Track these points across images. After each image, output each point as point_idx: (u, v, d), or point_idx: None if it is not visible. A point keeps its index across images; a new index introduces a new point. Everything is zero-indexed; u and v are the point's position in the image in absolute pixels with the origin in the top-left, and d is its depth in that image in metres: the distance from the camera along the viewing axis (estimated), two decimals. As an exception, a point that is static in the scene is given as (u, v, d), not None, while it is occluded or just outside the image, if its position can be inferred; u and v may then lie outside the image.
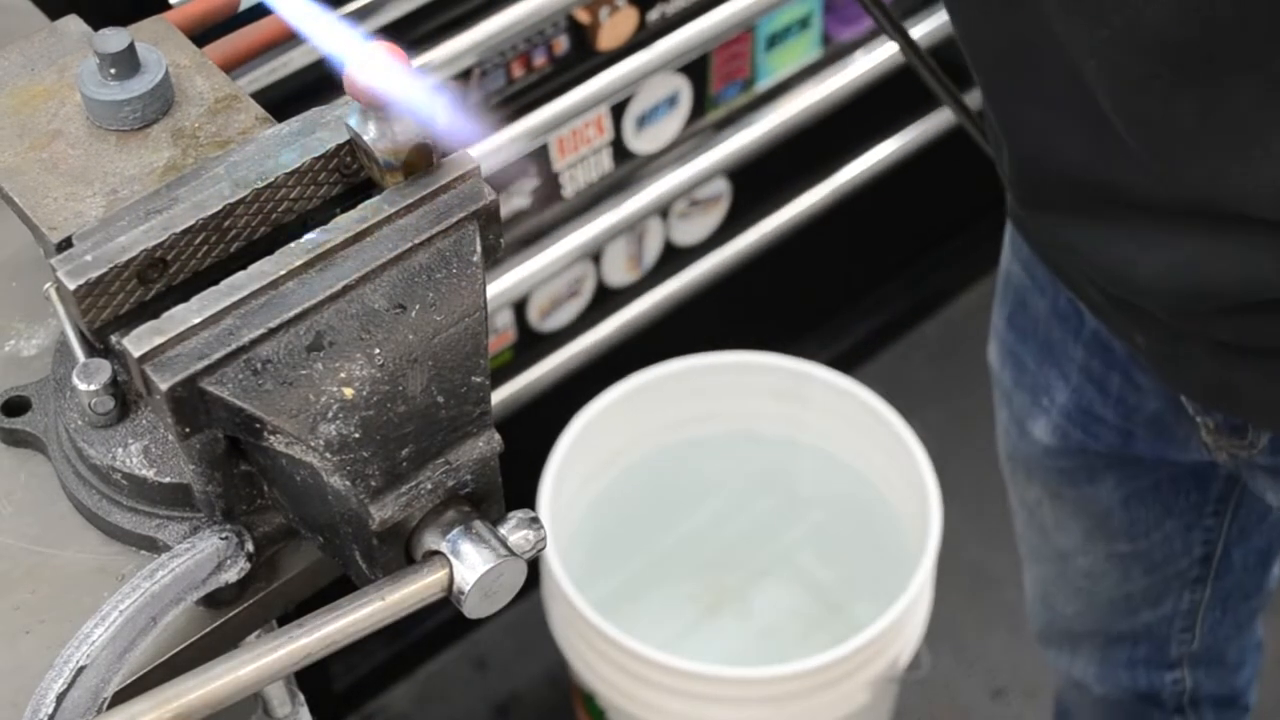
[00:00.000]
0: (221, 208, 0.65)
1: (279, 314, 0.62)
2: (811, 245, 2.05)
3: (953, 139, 2.13)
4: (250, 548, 0.68)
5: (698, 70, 1.79)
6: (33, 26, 0.87)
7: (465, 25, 1.54)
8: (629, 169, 1.80)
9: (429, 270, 0.64)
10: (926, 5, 1.97)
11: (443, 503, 0.64)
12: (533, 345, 1.84)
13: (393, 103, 0.64)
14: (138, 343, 0.61)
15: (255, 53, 0.84)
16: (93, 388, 0.69)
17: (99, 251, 0.64)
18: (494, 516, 0.66)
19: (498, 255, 0.68)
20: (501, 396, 1.79)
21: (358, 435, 0.61)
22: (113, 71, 0.70)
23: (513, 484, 0.69)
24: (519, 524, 0.66)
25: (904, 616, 1.60)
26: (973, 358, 2.32)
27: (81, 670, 0.62)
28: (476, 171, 0.67)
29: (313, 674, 1.77)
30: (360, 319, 0.63)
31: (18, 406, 0.75)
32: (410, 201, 0.65)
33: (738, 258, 1.96)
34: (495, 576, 0.63)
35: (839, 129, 1.96)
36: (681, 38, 1.71)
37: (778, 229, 1.98)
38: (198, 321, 0.61)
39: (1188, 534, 1.24)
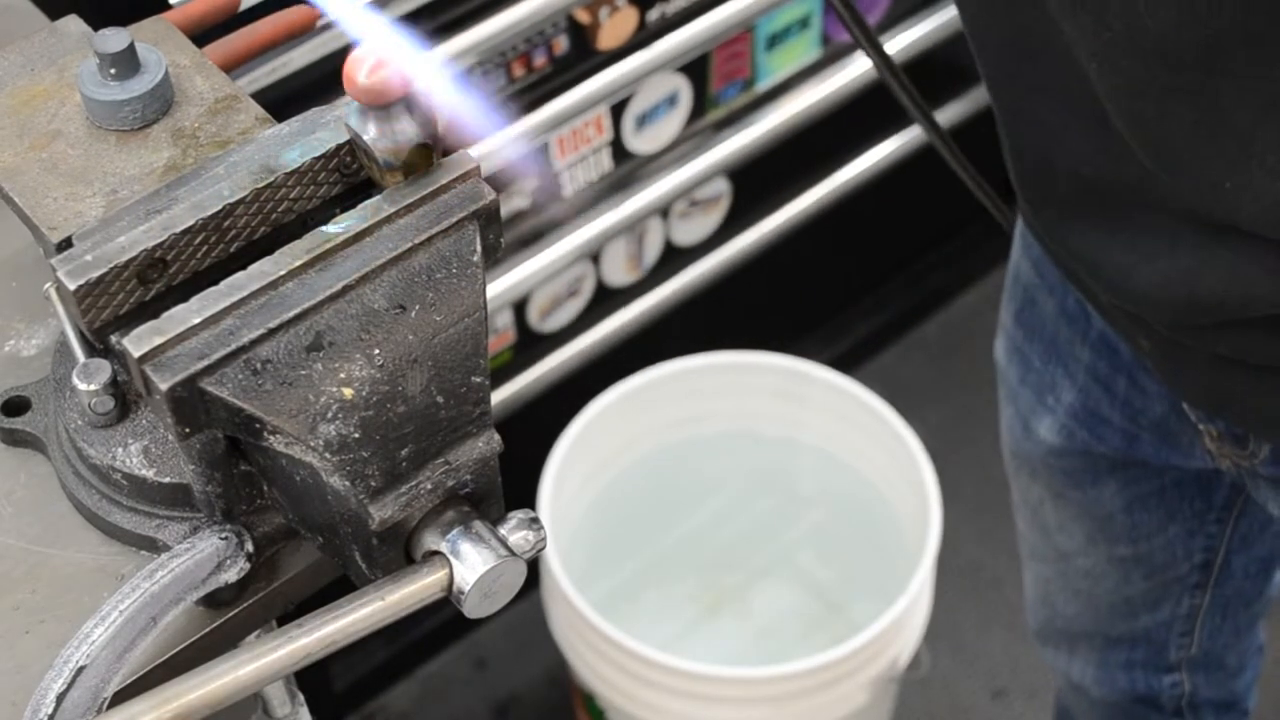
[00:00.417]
0: (221, 208, 0.65)
1: (279, 314, 0.62)
2: (811, 245, 2.05)
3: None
4: (250, 548, 0.68)
5: (698, 70, 1.79)
6: (33, 26, 0.87)
7: (465, 25, 1.54)
8: (629, 169, 1.80)
9: (429, 270, 0.64)
10: (927, 6, 1.97)
11: (442, 503, 0.64)
12: (533, 345, 1.84)
13: (414, 94, 0.64)
14: (138, 343, 0.61)
15: (255, 53, 0.84)
16: (93, 388, 0.69)
17: (99, 251, 0.64)
18: (494, 516, 0.66)
19: (498, 255, 0.68)
20: (501, 396, 1.79)
21: (357, 435, 0.61)
22: (113, 71, 0.70)
23: (513, 484, 0.69)
24: (519, 524, 0.66)
25: (904, 616, 1.60)
26: (973, 358, 2.32)
27: (81, 670, 0.62)
28: (476, 171, 0.67)
29: (313, 674, 1.77)
30: (360, 319, 0.63)
31: (18, 406, 0.75)
32: (410, 201, 0.65)
33: (738, 258, 1.96)
34: (495, 576, 0.63)
35: (839, 129, 1.96)
36: (681, 37, 1.71)
37: (778, 229, 1.98)
38: (198, 321, 0.61)
39: (1189, 540, 1.24)
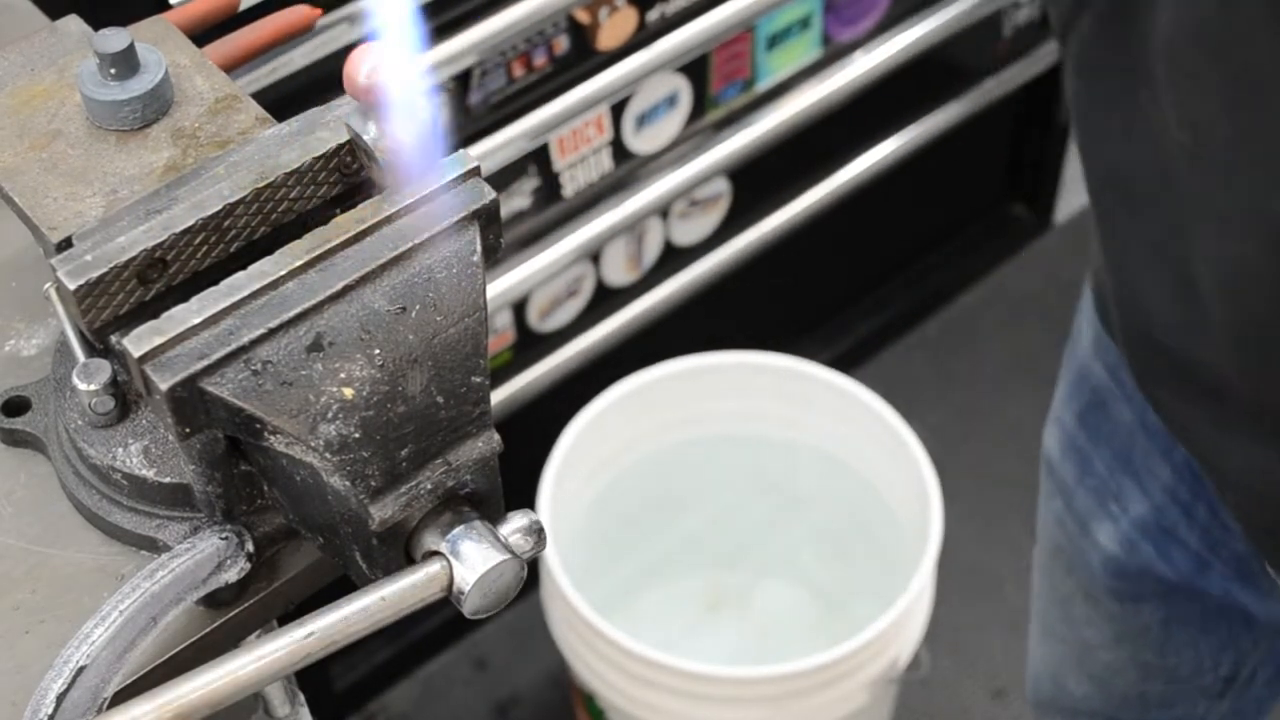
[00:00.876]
0: (221, 208, 0.65)
1: (279, 314, 0.62)
2: (811, 245, 2.05)
3: (953, 139, 2.13)
4: (250, 548, 0.68)
5: (697, 70, 1.79)
6: (33, 26, 0.87)
7: (465, 25, 1.54)
8: (629, 169, 1.80)
9: (429, 270, 0.64)
10: (927, 5, 1.97)
11: (442, 503, 0.64)
12: (532, 345, 1.84)
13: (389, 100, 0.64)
14: (138, 343, 0.61)
15: (255, 53, 0.84)
16: (93, 388, 0.69)
17: (99, 251, 0.64)
18: (494, 516, 0.65)
19: (498, 255, 0.68)
20: (501, 396, 1.79)
21: (358, 435, 0.61)
22: (113, 71, 0.70)
23: (513, 484, 0.69)
24: (519, 524, 0.66)
25: (904, 617, 1.60)
26: (973, 358, 2.33)
27: (81, 670, 0.62)
28: (476, 171, 0.67)
29: (313, 674, 1.77)
30: (360, 319, 0.63)
31: (18, 406, 0.75)
32: (410, 201, 0.65)
33: (738, 258, 1.96)
34: (495, 576, 0.63)
35: (839, 129, 1.96)
36: (681, 38, 1.71)
37: (778, 229, 1.98)
38: (198, 321, 0.61)
39: (1219, 654, 1.20)
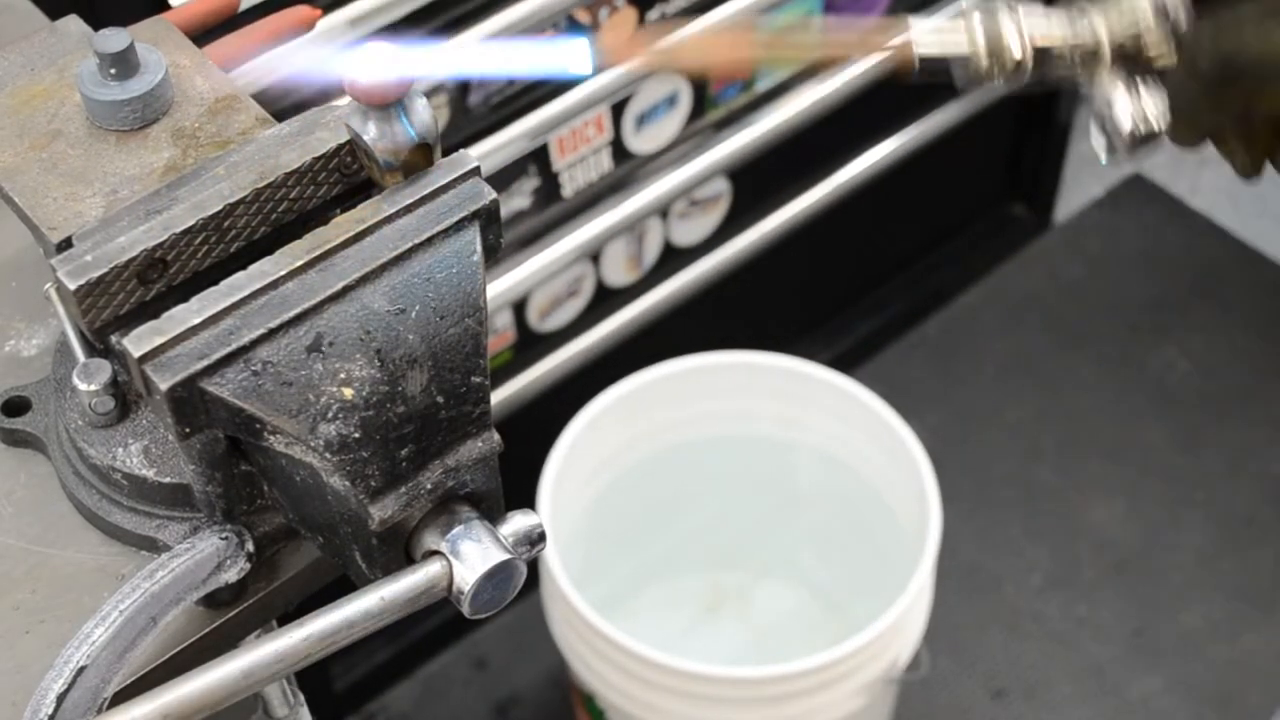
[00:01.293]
0: (221, 208, 0.65)
1: (279, 314, 0.62)
2: (811, 245, 2.05)
3: (953, 139, 2.13)
4: (250, 548, 0.68)
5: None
6: (33, 26, 0.87)
7: (465, 25, 1.54)
8: (629, 169, 1.80)
9: (429, 270, 0.64)
10: (927, 4, 1.97)
11: (442, 503, 0.64)
12: (532, 345, 1.84)
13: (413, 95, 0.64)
14: (138, 343, 0.61)
15: (255, 53, 0.84)
16: (93, 388, 0.69)
17: (99, 251, 0.64)
18: (494, 516, 0.66)
19: (498, 255, 0.68)
20: (501, 396, 1.79)
21: (357, 435, 0.61)
22: (113, 72, 0.70)
23: (513, 484, 0.69)
24: (519, 524, 0.66)
25: (903, 617, 1.60)
26: (973, 358, 2.33)
27: (81, 670, 0.62)
28: (476, 171, 0.67)
29: (313, 674, 1.77)
30: (360, 319, 0.63)
31: (18, 406, 0.75)
32: (410, 201, 0.65)
33: (738, 258, 1.96)
34: (495, 576, 0.63)
35: (839, 129, 1.96)
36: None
37: (778, 229, 1.98)
38: (198, 322, 0.61)
39: None
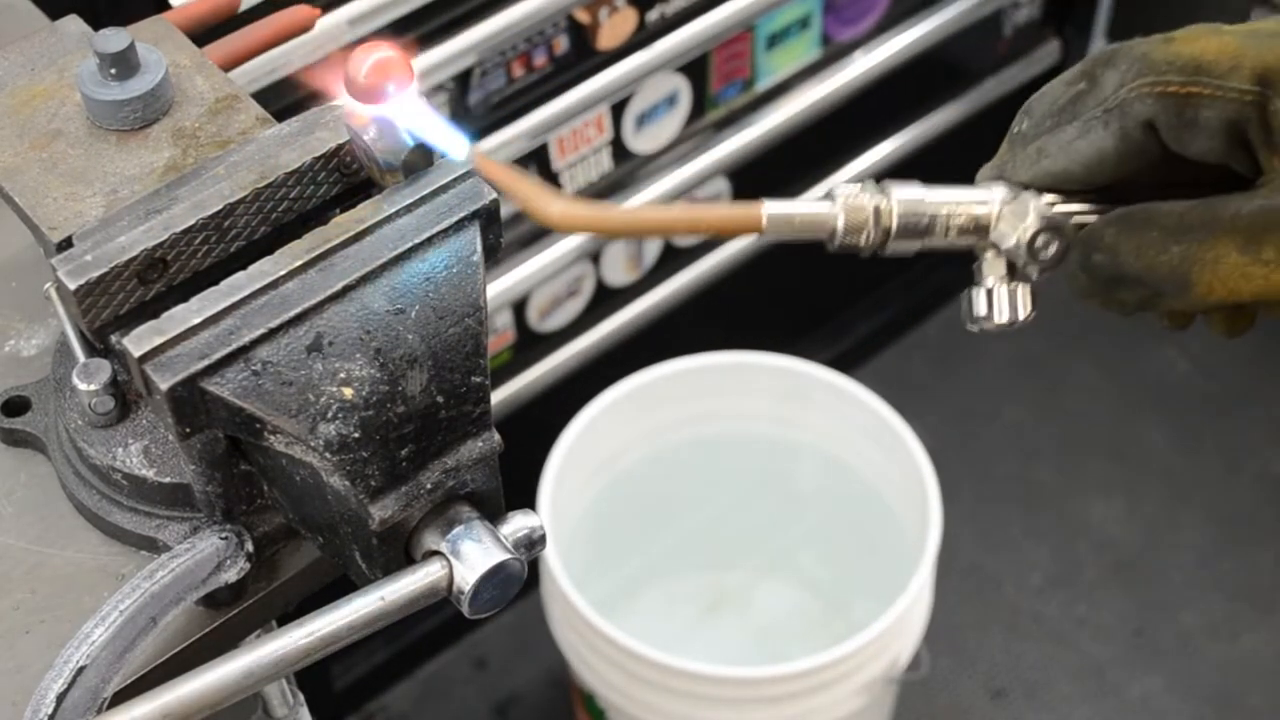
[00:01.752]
0: (221, 208, 0.65)
1: (279, 314, 0.62)
2: (811, 245, 2.04)
3: (952, 139, 2.13)
4: (250, 548, 0.68)
5: (697, 70, 1.79)
6: (33, 26, 0.87)
7: (465, 25, 1.54)
8: (629, 169, 1.80)
9: (429, 270, 0.64)
10: (927, 4, 1.97)
11: (442, 503, 0.64)
12: (532, 345, 1.84)
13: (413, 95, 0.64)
14: (138, 343, 0.61)
15: (255, 53, 0.84)
16: (93, 388, 0.69)
17: (99, 251, 0.64)
18: (494, 516, 0.66)
19: (498, 255, 0.68)
20: (501, 396, 1.79)
21: (357, 435, 0.61)
22: (113, 71, 0.70)
23: (513, 484, 0.69)
24: (519, 524, 0.66)
25: (903, 617, 1.60)
26: (973, 358, 2.33)
27: (81, 670, 0.62)
28: (477, 171, 0.67)
29: (313, 674, 1.77)
30: (360, 319, 0.63)
31: (18, 406, 0.75)
32: (410, 201, 0.65)
33: (738, 258, 1.96)
34: (495, 576, 0.63)
35: (839, 129, 1.96)
36: (681, 37, 1.71)
37: (778, 229, 1.97)
38: (198, 321, 0.61)
39: None
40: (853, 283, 2.27)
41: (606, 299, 1.88)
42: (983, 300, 0.66)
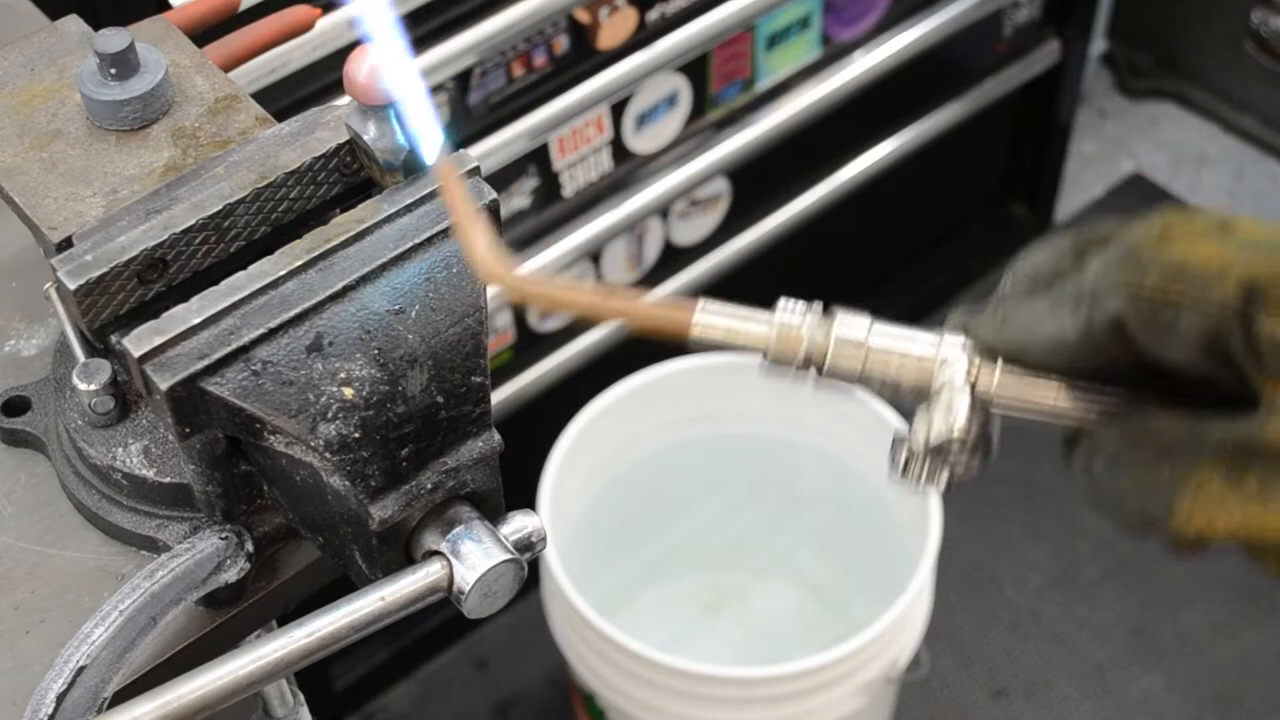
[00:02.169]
0: (221, 208, 0.65)
1: (279, 314, 0.62)
2: (811, 245, 2.05)
3: (952, 139, 2.13)
4: (250, 548, 0.68)
5: (697, 70, 1.79)
6: (33, 26, 0.87)
7: (465, 25, 1.54)
8: (629, 168, 1.80)
9: (429, 270, 0.64)
10: (927, 5, 1.97)
11: (443, 503, 0.64)
12: (532, 345, 1.84)
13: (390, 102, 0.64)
14: (138, 343, 0.61)
15: (255, 53, 0.84)
16: (93, 388, 0.69)
17: (99, 251, 0.64)
18: (494, 516, 0.65)
19: (498, 255, 0.68)
20: (501, 396, 1.79)
21: (357, 435, 0.61)
22: (113, 71, 0.70)
23: (513, 484, 0.69)
24: (519, 524, 0.66)
25: (903, 617, 1.60)
26: (973, 358, 2.33)
27: (81, 670, 0.62)
28: (476, 171, 0.67)
29: (313, 674, 1.77)
30: (360, 319, 0.63)
31: (18, 406, 0.75)
32: (410, 201, 0.65)
33: (737, 258, 1.96)
34: (495, 576, 0.63)
35: (839, 129, 1.96)
36: (681, 37, 1.71)
37: (778, 229, 1.98)
38: (198, 321, 0.61)
39: None
40: (853, 283, 2.27)
41: (606, 299, 1.88)
42: (902, 460, 0.62)
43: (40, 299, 0.74)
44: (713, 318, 0.60)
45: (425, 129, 0.62)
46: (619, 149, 1.77)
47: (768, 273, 2.03)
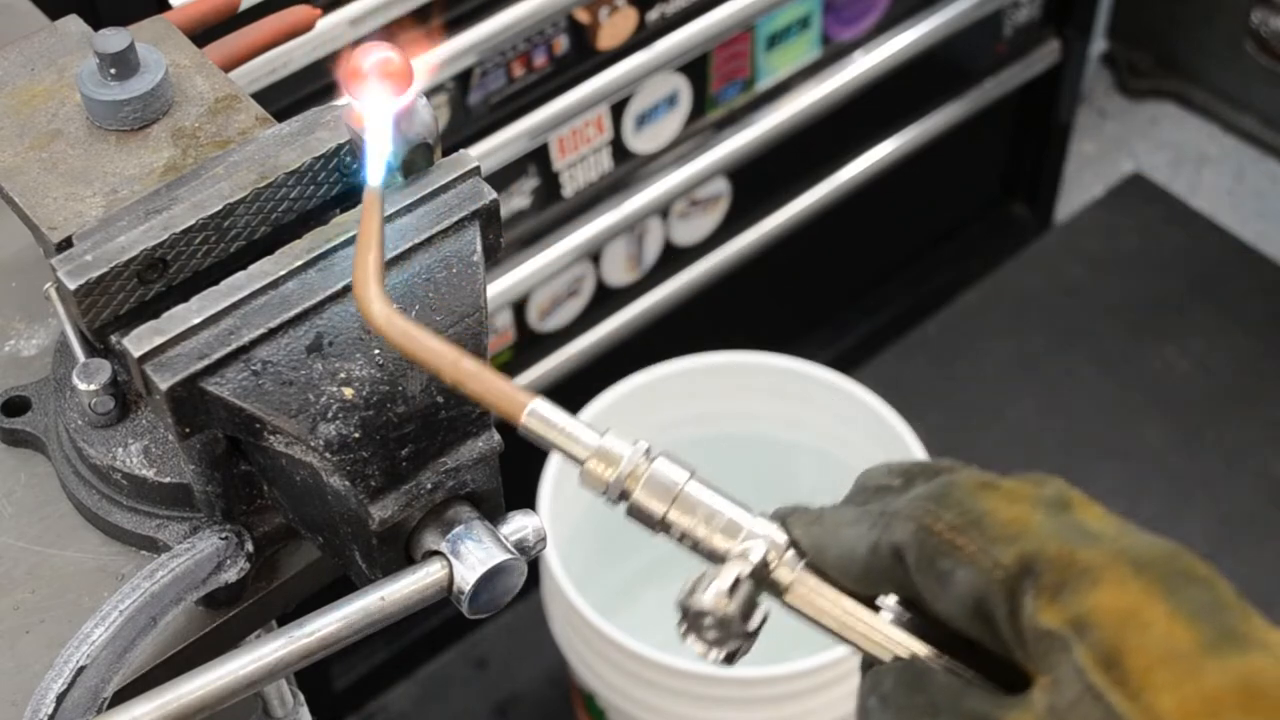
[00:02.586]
0: (221, 207, 0.65)
1: (279, 314, 0.62)
2: (811, 245, 2.05)
3: (952, 139, 2.13)
4: (250, 548, 0.68)
5: (697, 70, 1.79)
6: (33, 26, 0.87)
7: (465, 25, 1.54)
8: (629, 169, 1.80)
9: (429, 270, 0.64)
10: (927, 5, 1.97)
11: (442, 503, 0.64)
12: (533, 345, 1.84)
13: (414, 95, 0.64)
14: (138, 343, 0.61)
15: (255, 53, 0.84)
16: (93, 388, 0.69)
17: (99, 251, 0.64)
18: (494, 516, 0.65)
19: (498, 255, 0.68)
20: (501, 396, 1.79)
21: (357, 435, 0.61)
22: (113, 71, 0.70)
23: (513, 484, 0.69)
24: (519, 524, 0.66)
25: (904, 616, 1.60)
26: (973, 358, 2.33)
27: (81, 670, 0.62)
28: (476, 171, 0.67)
29: (313, 674, 1.77)
30: (360, 319, 0.63)
31: (18, 406, 0.75)
32: (410, 201, 0.65)
33: (738, 258, 1.96)
34: (495, 576, 0.63)
35: (839, 129, 1.96)
36: (681, 37, 1.71)
37: (778, 229, 1.98)
38: (198, 321, 0.61)
39: None
40: (853, 283, 2.27)
41: (606, 299, 1.88)
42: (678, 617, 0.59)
43: (40, 299, 0.74)
44: (538, 422, 0.58)
45: (378, 150, 0.61)
46: (619, 149, 1.77)
47: (768, 273, 2.03)
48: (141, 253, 0.64)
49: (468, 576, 0.63)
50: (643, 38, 1.69)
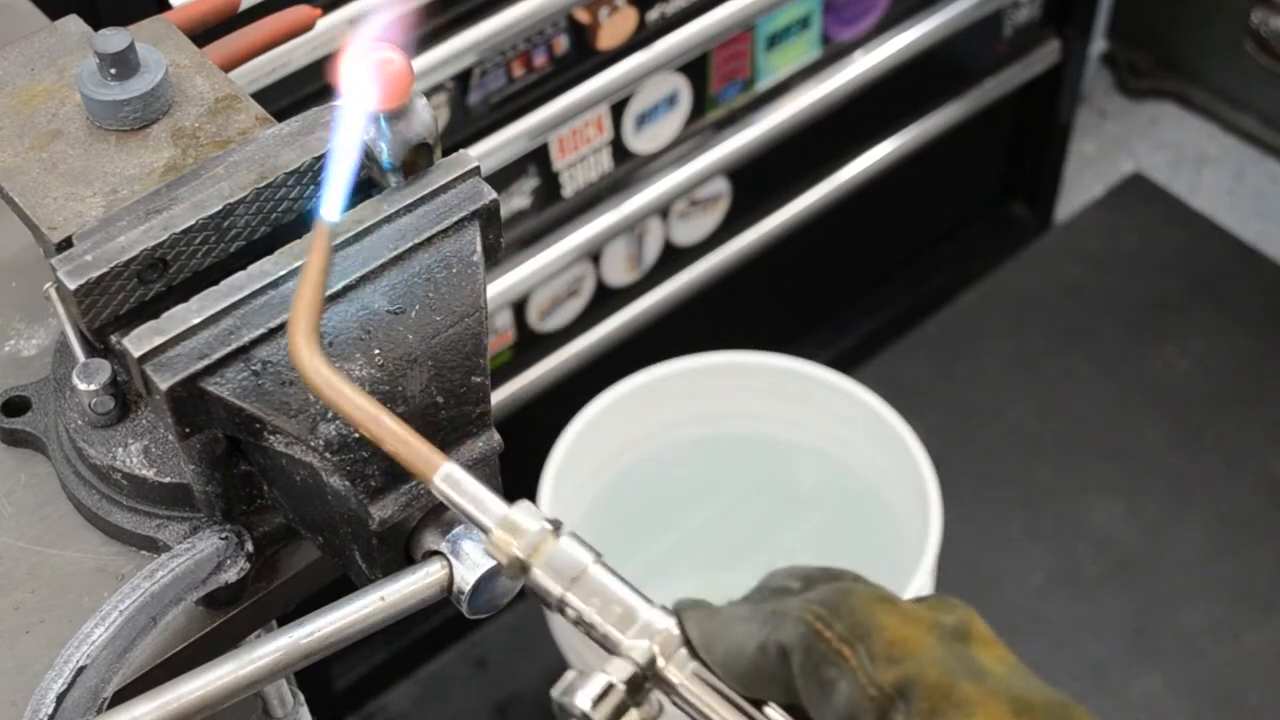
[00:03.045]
0: (221, 207, 0.65)
1: (279, 314, 0.62)
2: (811, 245, 2.05)
3: (952, 139, 2.13)
4: (250, 548, 0.68)
5: (697, 70, 1.79)
6: (33, 26, 0.87)
7: (465, 25, 1.54)
8: (629, 169, 1.80)
9: (429, 270, 0.64)
10: (927, 5, 1.97)
11: (442, 503, 0.64)
12: (532, 345, 1.84)
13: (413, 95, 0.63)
14: (138, 343, 0.61)
15: (255, 53, 0.83)
16: (93, 388, 0.69)
17: (99, 251, 0.64)
18: (494, 516, 0.65)
19: (498, 255, 0.68)
20: (501, 396, 1.79)
21: (357, 435, 0.61)
22: (113, 71, 0.70)
23: (513, 484, 0.69)
24: (519, 524, 0.66)
25: (904, 616, 1.60)
26: (973, 358, 2.33)
27: (81, 670, 0.62)
28: (476, 171, 0.67)
29: (313, 674, 1.77)
30: (360, 319, 0.63)
31: (18, 406, 0.75)
32: (410, 201, 0.65)
33: (737, 258, 1.96)
34: (495, 576, 0.63)
35: (839, 129, 1.96)
36: (681, 37, 1.71)
37: (778, 229, 1.98)
38: (198, 321, 0.61)
39: None
40: (853, 283, 2.27)
41: (606, 299, 1.88)
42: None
43: (40, 299, 0.74)
44: (448, 488, 0.57)
45: (338, 179, 0.61)
46: (619, 149, 1.77)
47: (768, 273, 2.03)
48: (141, 253, 0.64)
49: (467, 576, 0.63)
50: (643, 38, 1.69)
